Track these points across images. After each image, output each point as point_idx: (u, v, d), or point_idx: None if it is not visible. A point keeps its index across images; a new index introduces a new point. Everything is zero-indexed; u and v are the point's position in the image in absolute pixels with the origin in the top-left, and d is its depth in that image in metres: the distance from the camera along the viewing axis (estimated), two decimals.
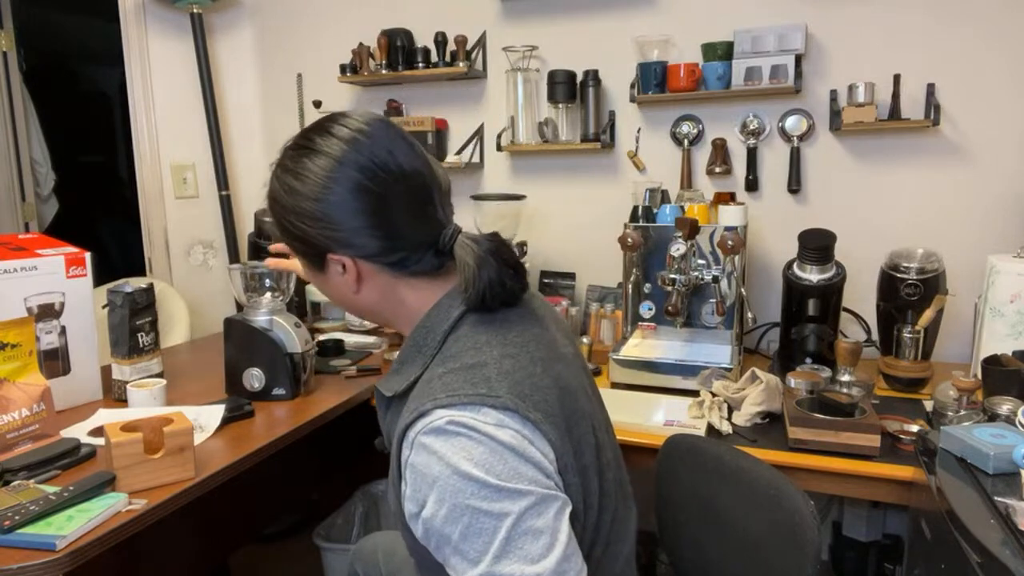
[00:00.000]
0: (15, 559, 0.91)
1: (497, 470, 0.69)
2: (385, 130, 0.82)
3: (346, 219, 0.80)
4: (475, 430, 0.71)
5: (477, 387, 0.74)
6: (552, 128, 2.13)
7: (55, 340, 1.46)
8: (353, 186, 0.79)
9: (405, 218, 0.81)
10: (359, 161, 0.80)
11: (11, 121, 3.17)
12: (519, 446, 0.71)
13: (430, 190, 0.83)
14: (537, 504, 0.70)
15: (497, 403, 0.73)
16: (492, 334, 0.81)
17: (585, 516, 0.80)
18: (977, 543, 0.83)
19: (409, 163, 0.82)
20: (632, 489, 0.98)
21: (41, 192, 3.47)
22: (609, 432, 0.95)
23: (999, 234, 1.83)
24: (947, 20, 1.81)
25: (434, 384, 0.76)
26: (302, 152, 0.82)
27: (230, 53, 2.63)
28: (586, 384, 0.92)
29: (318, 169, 0.80)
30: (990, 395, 1.32)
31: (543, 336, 0.86)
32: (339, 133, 0.81)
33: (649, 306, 1.86)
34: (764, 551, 1.03)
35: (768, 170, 2.02)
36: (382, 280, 0.86)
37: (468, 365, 0.77)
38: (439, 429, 0.72)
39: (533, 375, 0.78)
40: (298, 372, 1.51)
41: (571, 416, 0.80)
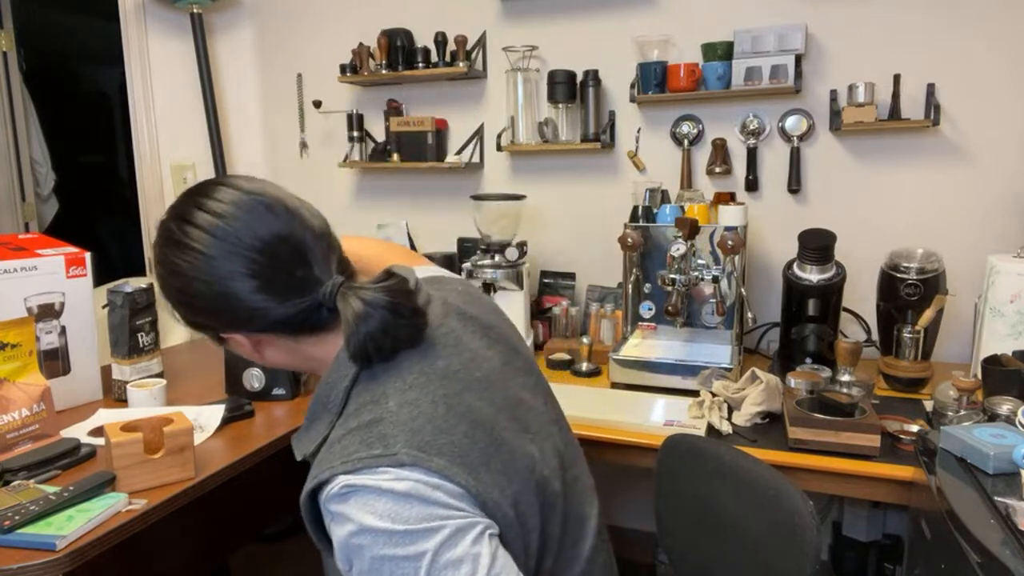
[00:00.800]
0: (15, 559, 0.91)
1: (404, 516, 0.69)
2: (246, 207, 0.80)
3: (224, 306, 0.80)
4: (372, 488, 0.71)
5: (372, 448, 0.73)
6: (552, 128, 2.13)
7: (55, 340, 1.46)
8: (224, 275, 0.78)
9: (281, 290, 0.80)
10: (224, 252, 0.78)
11: (11, 121, 3.17)
12: (420, 493, 0.71)
13: (302, 252, 0.80)
14: (453, 535, 0.69)
15: (392, 462, 0.72)
16: (390, 382, 0.79)
17: (526, 538, 0.79)
18: (977, 543, 0.83)
19: (275, 233, 0.79)
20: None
21: (41, 192, 3.47)
22: (559, 432, 0.93)
23: (999, 234, 1.83)
24: (947, 20, 1.81)
25: (334, 450, 0.76)
26: (170, 247, 0.81)
27: (230, 53, 2.64)
28: (522, 394, 0.89)
29: (186, 265, 0.80)
30: (990, 395, 1.32)
31: (450, 366, 0.83)
32: (200, 222, 0.79)
33: (649, 306, 1.86)
34: (763, 551, 1.03)
35: (768, 170, 2.02)
36: (281, 343, 0.86)
37: (365, 424, 0.76)
38: (338, 495, 0.72)
39: (435, 418, 0.76)
40: (297, 373, 1.52)
41: (487, 448, 0.78)
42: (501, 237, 1.99)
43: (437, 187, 2.41)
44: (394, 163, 2.28)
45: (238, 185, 0.82)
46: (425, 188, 2.43)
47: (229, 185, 0.82)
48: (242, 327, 0.83)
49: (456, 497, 0.72)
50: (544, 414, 0.92)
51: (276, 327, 0.82)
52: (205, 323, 0.85)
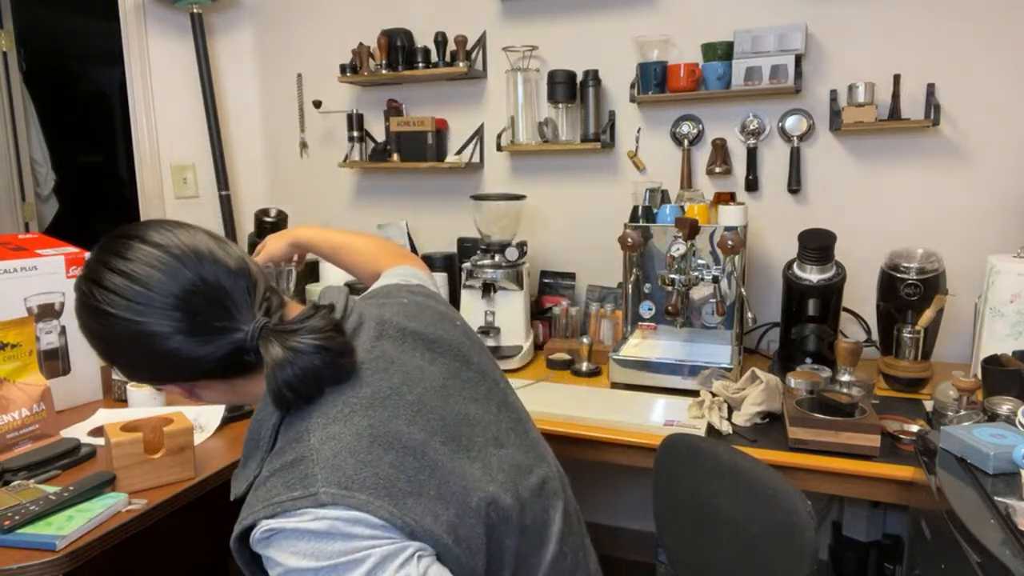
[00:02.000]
0: (15, 559, 0.91)
1: (327, 552, 0.69)
2: (158, 266, 0.79)
3: (149, 364, 0.81)
4: (291, 530, 0.71)
5: (292, 490, 0.73)
6: (552, 128, 2.13)
7: (55, 340, 1.46)
8: (145, 338, 0.78)
9: (203, 342, 0.79)
10: (142, 317, 0.77)
11: (11, 121, 3.17)
12: (340, 530, 0.70)
13: (220, 301, 0.80)
14: (379, 563, 0.69)
15: (312, 502, 0.71)
16: (314, 417, 0.78)
17: (470, 559, 0.78)
18: (977, 543, 0.83)
19: (186, 287, 0.78)
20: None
21: (41, 192, 3.48)
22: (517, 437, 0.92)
23: (999, 234, 1.83)
24: (947, 20, 1.81)
25: (259, 493, 0.76)
26: (89, 312, 0.81)
27: (230, 53, 2.64)
28: (468, 407, 0.88)
29: (106, 331, 0.80)
30: (990, 395, 1.32)
31: (378, 393, 0.81)
32: (113, 286, 0.78)
33: (649, 306, 1.86)
34: (762, 551, 1.04)
35: (768, 170, 2.02)
36: (214, 386, 0.86)
37: (288, 463, 0.75)
38: (262, 539, 0.72)
39: (358, 451, 0.75)
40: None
41: (417, 475, 0.76)
42: (501, 237, 2.00)
43: (437, 187, 2.41)
44: (394, 163, 2.28)
45: (147, 238, 0.81)
46: (425, 188, 2.43)
47: (139, 239, 0.81)
48: (174, 380, 0.84)
49: (378, 529, 0.71)
50: (495, 424, 0.90)
51: (208, 375, 0.82)
52: (143, 378, 0.86)
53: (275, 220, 2.27)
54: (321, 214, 2.60)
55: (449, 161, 2.27)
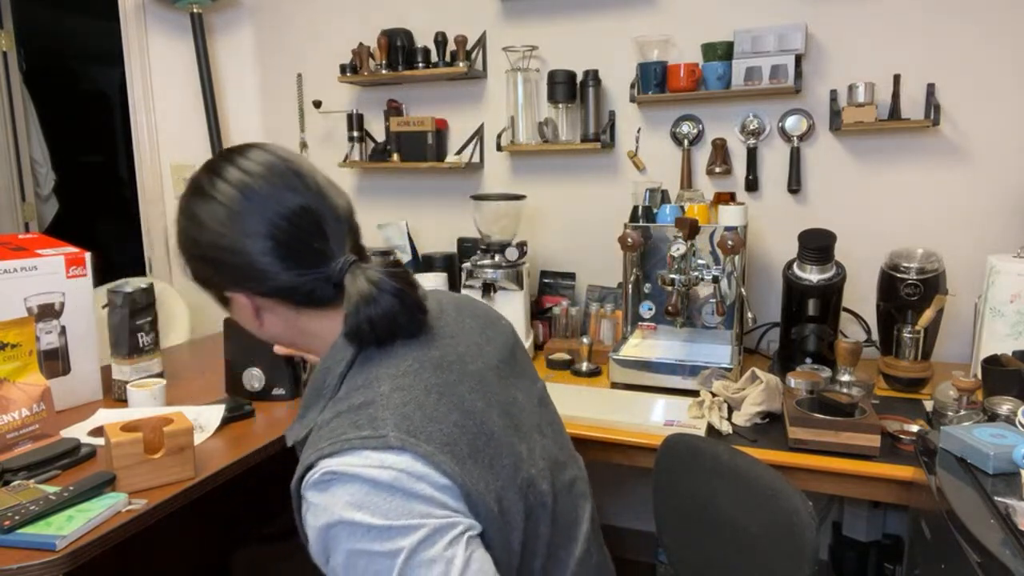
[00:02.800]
0: (15, 559, 0.91)
1: (383, 509, 0.69)
2: (278, 172, 0.82)
3: (236, 261, 0.82)
4: (354, 476, 0.70)
5: (361, 430, 0.73)
6: (552, 128, 2.13)
7: (55, 340, 1.46)
8: (243, 231, 0.80)
9: (294, 256, 0.82)
10: (248, 209, 0.80)
11: (11, 121, 3.17)
12: (403, 485, 0.70)
13: (321, 225, 0.82)
14: (430, 535, 0.69)
15: (380, 444, 0.72)
16: (384, 367, 0.80)
17: (508, 535, 0.79)
18: (977, 543, 0.83)
19: (300, 203, 0.81)
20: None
21: (41, 192, 3.47)
22: (553, 434, 0.93)
23: (999, 234, 1.83)
24: (947, 20, 1.81)
25: (322, 433, 0.76)
26: (196, 196, 0.84)
27: (230, 53, 2.64)
28: (515, 393, 0.90)
29: (209, 216, 0.82)
30: (990, 395, 1.32)
31: (446, 357, 0.83)
32: (230, 178, 0.82)
33: (649, 306, 1.86)
34: (762, 550, 1.04)
35: (768, 170, 2.02)
36: (282, 312, 0.86)
37: (356, 406, 0.76)
38: (319, 482, 0.72)
39: (426, 405, 0.76)
40: (298, 372, 1.51)
41: (475, 440, 0.78)
42: (501, 237, 2.00)
43: (437, 187, 2.41)
44: (394, 163, 2.28)
45: (274, 151, 0.85)
46: (425, 188, 2.43)
47: (265, 149, 0.85)
48: (248, 287, 0.84)
49: (439, 490, 0.72)
50: (536, 416, 0.92)
51: (281, 293, 0.83)
52: (213, 278, 0.86)
53: None
54: None
55: (449, 161, 2.27)
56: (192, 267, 0.87)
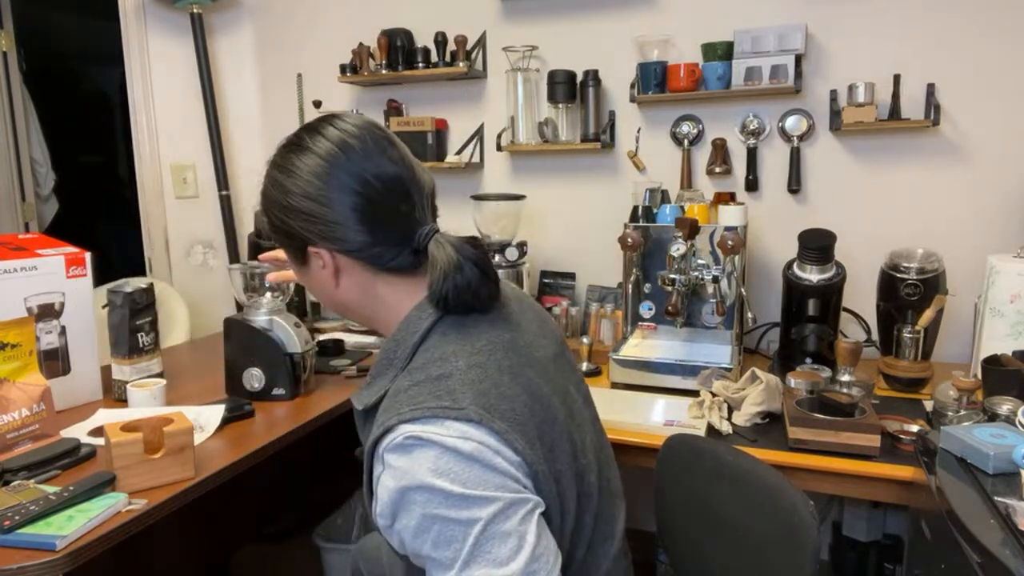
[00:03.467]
0: (15, 559, 0.91)
1: (463, 478, 0.70)
2: (373, 136, 0.86)
3: (326, 214, 0.84)
4: (437, 443, 0.72)
5: (441, 400, 0.75)
6: (552, 128, 2.13)
7: (55, 340, 1.46)
8: (337, 185, 0.83)
9: (382, 217, 0.84)
10: (344, 164, 0.83)
11: (11, 121, 3.17)
12: (483, 457, 0.72)
13: (409, 192, 0.86)
14: (505, 509, 0.71)
15: (460, 415, 0.73)
16: (460, 344, 0.82)
17: (562, 520, 0.81)
18: (977, 543, 0.83)
19: (392, 168, 0.85)
20: (627, 487, 0.99)
21: (41, 192, 3.47)
22: (595, 432, 0.95)
23: (999, 234, 1.83)
24: (947, 20, 1.81)
25: (400, 398, 0.77)
26: (293, 150, 0.87)
27: (230, 53, 2.63)
28: (569, 386, 0.92)
29: (304, 167, 0.84)
30: (990, 395, 1.32)
31: (516, 341, 0.86)
32: (329, 135, 0.85)
33: (649, 306, 1.86)
34: (763, 551, 1.03)
35: (768, 170, 2.02)
36: (360, 276, 0.88)
37: (433, 377, 0.78)
38: (401, 445, 0.73)
39: (500, 384, 0.78)
40: (298, 372, 1.51)
41: (542, 423, 0.80)
42: (501, 237, 1.99)
43: (437, 187, 2.41)
44: None
45: (372, 121, 0.90)
46: None
47: (366, 119, 0.90)
48: (334, 244, 0.85)
49: (514, 465, 0.74)
50: (584, 411, 0.95)
51: (364, 254, 0.85)
52: (299, 231, 0.86)
53: None
54: None
55: (449, 161, 2.27)
56: (278, 220, 0.88)
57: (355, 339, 2.00)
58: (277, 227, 0.89)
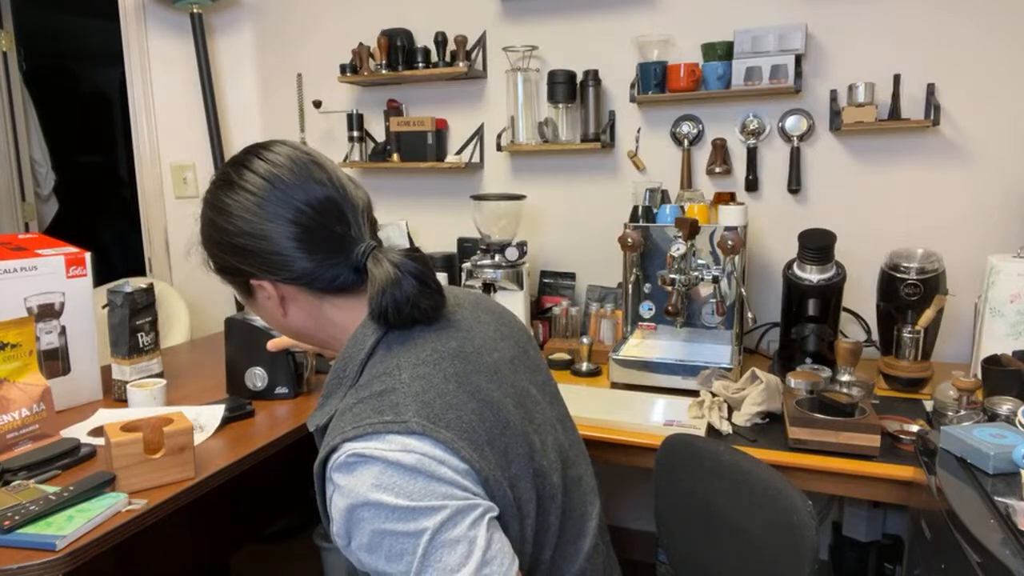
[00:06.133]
0: (15, 559, 0.91)
1: (407, 491, 0.71)
2: (300, 163, 0.86)
3: (264, 247, 0.84)
4: (379, 459, 0.72)
5: (383, 415, 0.75)
6: (552, 128, 2.13)
7: (55, 340, 1.46)
8: (270, 218, 0.84)
9: (319, 241, 0.85)
10: (274, 196, 0.84)
11: (11, 121, 3.17)
12: (426, 468, 0.72)
13: (343, 212, 0.86)
14: (452, 516, 0.71)
15: (402, 428, 0.73)
16: (404, 356, 0.82)
17: (522, 523, 0.80)
18: (977, 543, 0.83)
19: (322, 191, 0.85)
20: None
21: (41, 192, 3.47)
22: (563, 431, 0.95)
23: (999, 234, 1.83)
24: (947, 20, 1.81)
25: (345, 417, 0.77)
26: (223, 188, 0.87)
27: (230, 53, 2.64)
28: (529, 387, 0.92)
29: (236, 204, 0.85)
30: (990, 395, 1.32)
31: (463, 348, 0.85)
32: (256, 168, 0.85)
33: (649, 306, 1.86)
34: (762, 550, 1.04)
35: (768, 170, 2.02)
36: (305, 301, 0.89)
37: (377, 393, 0.78)
38: (345, 464, 0.73)
39: (445, 393, 0.78)
40: (300, 371, 1.52)
41: (492, 428, 0.80)
42: (501, 237, 2.00)
43: (437, 187, 2.41)
44: (394, 163, 2.28)
45: (296, 146, 0.89)
46: (425, 188, 2.43)
47: (287, 144, 0.89)
48: (274, 274, 0.86)
49: (460, 474, 0.73)
50: (548, 411, 0.94)
51: (305, 279, 0.85)
52: (239, 266, 0.87)
53: None
54: None
55: (449, 161, 2.27)
56: (218, 258, 0.89)
57: None
58: (219, 265, 0.90)
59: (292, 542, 2.29)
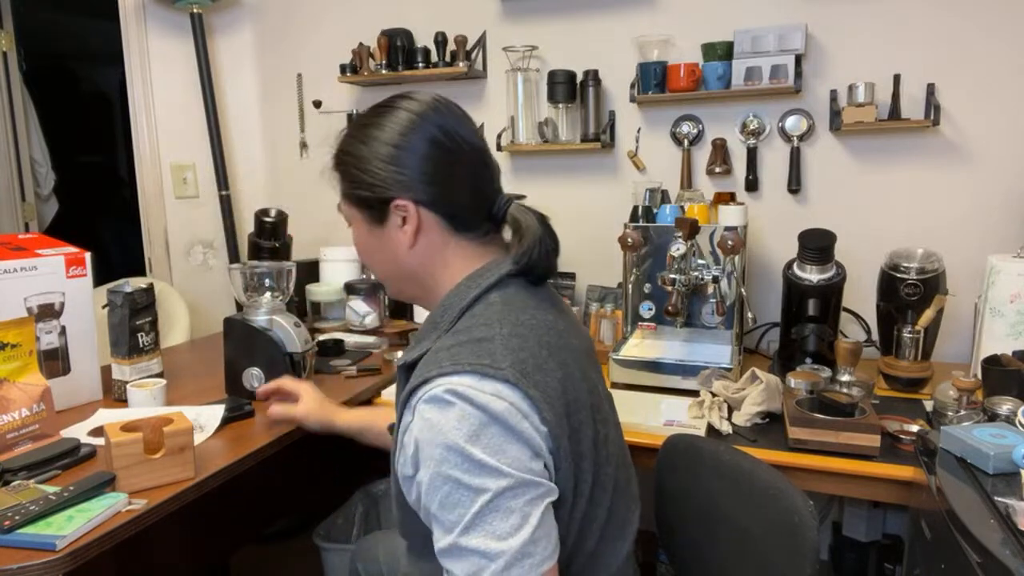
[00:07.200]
0: (15, 559, 0.91)
1: (483, 443, 0.72)
2: (457, 109, 0.92)
3: (417, 164, 0.87)
4: (470, 400, 0.74)
5: (480, 358, 0.77)
6: (552, 128, 2.13)
7: (55, 340, 1.46)
8: (428, 137, 0.87)
9: (466, 178, 0.89)
10: (435, 120, 0.88)
11: (11, 121, 3.17)
12: (511, 419, 0.74)
13: (487, 162, 0.92)
14: (515, 487, 0.72)
15: (498, 375, 0.76)
16: (504, 315, 0.84)
17: (574, 504, 0.82)
18: (977, 543, 0.83)
19: (473, 135, 0.91)
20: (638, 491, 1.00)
21: (41, 192, 3.47)
22: (617, 433, 0.96)
23: (999, 234, 1.83)
24: (947, 20, 1.81)
25: (441, 355, 0.79)
26: (383, 110, 0.90)
27: (230, 53, 2.64)
28: (594, 379, 0.94)
29: (397, 121, 0.88)
30: (990, 395, 1.32)
31: (555, 324, 0.88)
32: (418, 97, 0.90)
33: (649, 306, 1.86)
34: (763, 550, 1.03)
35: (768, 170, 2.02)
36: (436, 236, 0.90)
37: (476, 339, 0.80)
38: (436, 397, 0.75)
39: (538, 357, 0.81)
40: (298, 372, 1.51)
41: (572, 403, 0.82)
42: None
43: None
44: None
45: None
46: None
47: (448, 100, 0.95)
48: (420, 194, 0.87)
49: (539, 434, 0.76)
50: (609, 410, 0.96)
51: (450, 210, 0.88)
52: (383, 183, 0.88)
53: (275, 220, 2.27)
54: (321, 214, 2.60)
55: None
56: (360, 175, 0.89)
57: (355, 339, 2.00)
58: (358, 183, 0.90)
59: (292, 542, 2.29)
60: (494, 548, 0.70)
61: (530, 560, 0.71)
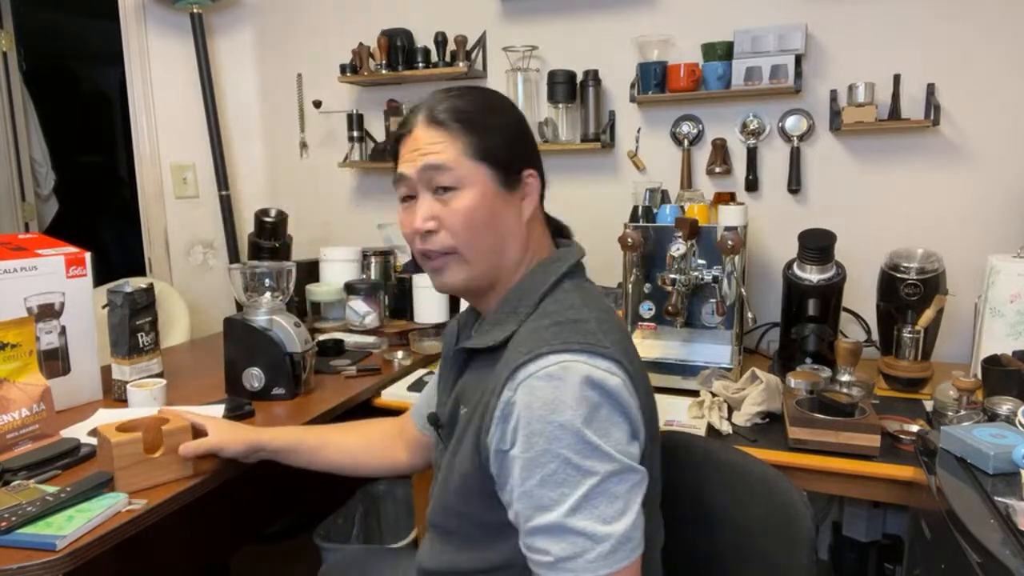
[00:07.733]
0: (15, 559, 0.91)
1: (595, 425, 0.73)
2: None
3: (533, 142, 0.94)
4: (587, 377, 0.74)
5: (587, 337, 0.78)
6: (552, 128, 2.13)
7: (55, 340, 1.46)
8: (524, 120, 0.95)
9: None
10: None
11: (11, 121, 3.17)
12: (622, 396, 0.76)
13: None
14: (621, 472, 0.74)
15: (607, 353, 0.77)
16: (586, 300, 0.86)
17: (650, 486, 0.83)
18: (977, 543, 0.83)
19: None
20: None
21: (41, 192, 3.47)
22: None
23: (999, 234, 1.83)
24: (947, 20, 1.81)
25: (543, 333, 0.80)
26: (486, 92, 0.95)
27: (230, 53, 2.64)
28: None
29: (506, 102, 0.95)
30: (990, 395, 1.32)
31: (623, 325, 0.92)
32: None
33: (649, 306, 1.86)
34: (758, 544, 1.04)
35: (768, 170, 2.02)
36: (538, 213, 0.96)
37: (572, 320, 0.81)
38: (552, 374, 0.75)
39: (625, 340, 0.84)
40: (298, 372, 1.51)
41: (647, 391, 0.85)
42: None
43: None
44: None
45: None
46: None
47: None
48: (541, 171, 0.94)
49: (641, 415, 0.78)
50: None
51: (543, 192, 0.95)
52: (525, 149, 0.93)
53: (275, 220, 2.27)
54: (321, 214, 2.60)
55: None
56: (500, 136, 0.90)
57: (355, 339, 2.00)
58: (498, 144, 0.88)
59: (292, 542, 2.29)
60: (601, 531, 0.72)
61: (630, 544, 0.73)
